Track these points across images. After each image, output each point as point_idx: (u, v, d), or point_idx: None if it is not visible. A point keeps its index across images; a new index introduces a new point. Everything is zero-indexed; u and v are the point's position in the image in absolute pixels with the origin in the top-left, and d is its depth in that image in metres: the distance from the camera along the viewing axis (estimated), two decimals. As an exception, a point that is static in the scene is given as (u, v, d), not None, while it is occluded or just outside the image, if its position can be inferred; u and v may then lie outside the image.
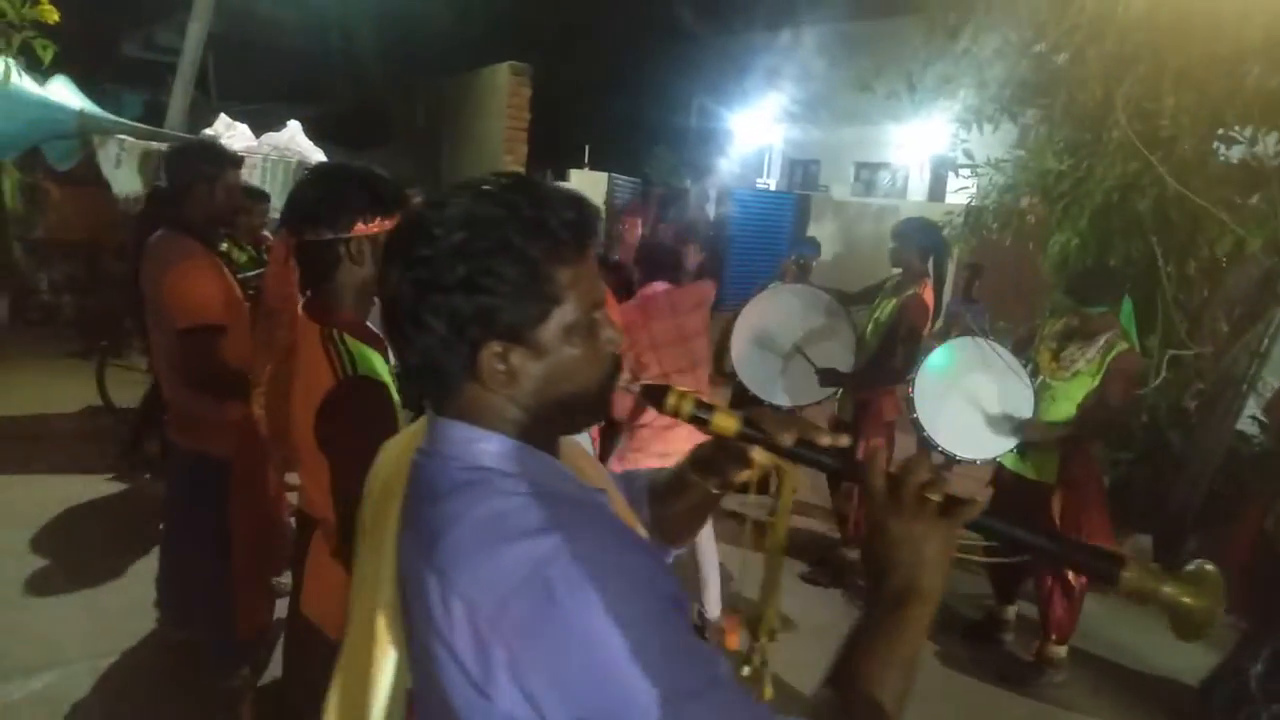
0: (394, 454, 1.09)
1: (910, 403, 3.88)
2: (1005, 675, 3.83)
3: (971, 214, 5.82)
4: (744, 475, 1.14)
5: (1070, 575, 3.72)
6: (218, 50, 10.99)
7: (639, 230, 6.64)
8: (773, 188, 18.72)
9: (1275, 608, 3.45)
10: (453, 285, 0.87)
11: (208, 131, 7.63)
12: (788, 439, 1.01)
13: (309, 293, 1.82)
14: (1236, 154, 4.86)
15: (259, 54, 12.44)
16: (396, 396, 1.79)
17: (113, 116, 7.04)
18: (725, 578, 3.82)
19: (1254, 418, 5.36)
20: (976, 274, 7.31)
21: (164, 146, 6.90)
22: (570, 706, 0.78)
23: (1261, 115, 4.43)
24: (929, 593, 0.91)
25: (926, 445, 3.79)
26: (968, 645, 4.05)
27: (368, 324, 1.83)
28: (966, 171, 5.80)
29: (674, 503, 1.20)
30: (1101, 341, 3.64)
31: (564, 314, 0.91)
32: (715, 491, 1.17)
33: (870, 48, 9.28)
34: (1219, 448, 4.92)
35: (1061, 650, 3.81)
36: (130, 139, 6.95)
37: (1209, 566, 0.92)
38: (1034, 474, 3.82)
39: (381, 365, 1.78)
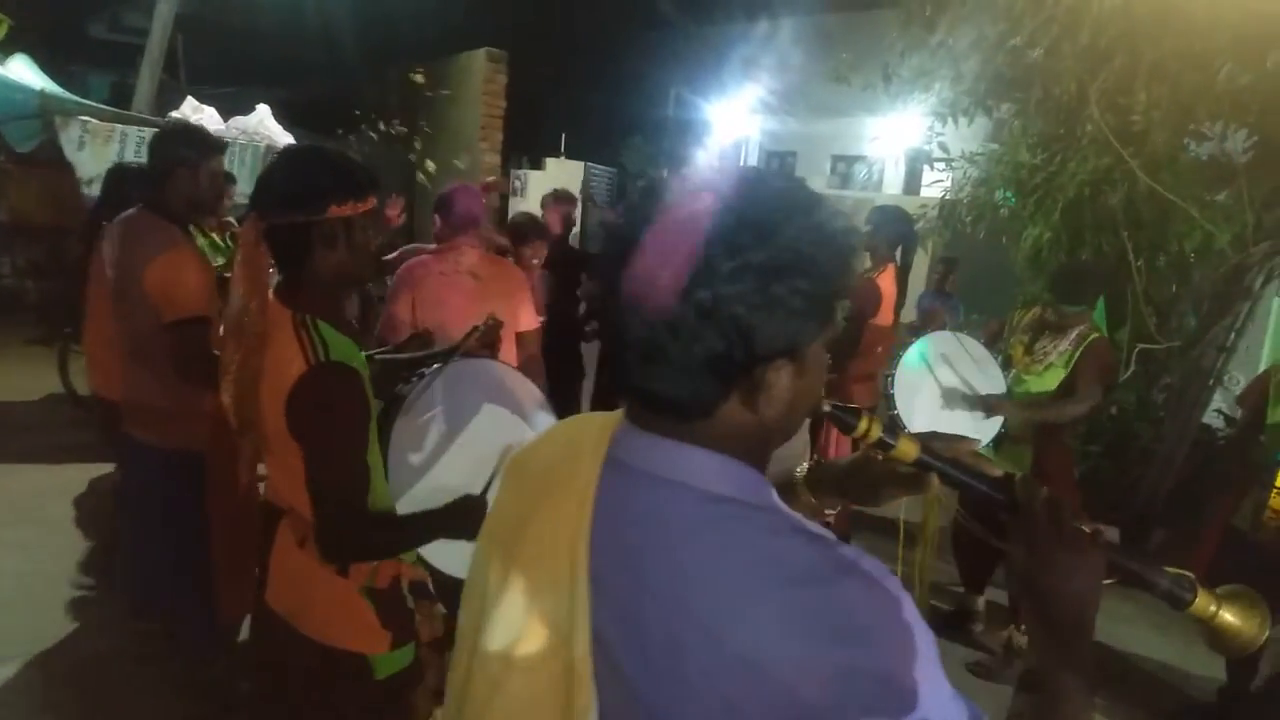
0: (548, 468, 0.95)
1: (890, 399, 3.91)
2: (975, 665, 3.86)
3: (946, 207, 5.85)
4: (895, 498, 1.09)
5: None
6: (187, 32, 10.78)
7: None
8: (749, 179, 18.65)
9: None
10: (758, 303, 0.79)
11: (174, 114, 7.50)
12: (959, 470, 0.99)
13: (280, 278, 1.77)
14: (1206, 151, 4.92)
15: (230, 37, 12.23)
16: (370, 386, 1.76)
17: (75, 97, 6.90)
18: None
19: (1220, 411, 5.45)
20: (951, 268, 7.33)
21: (140, 130, 6.79)
22: None
23: (1231, 111, 4.48)
24: (1092, 624, 0.89)
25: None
26: (937, 635, 4.07)
27: (340, 310, 1.80)
28: (941, 165, 5.83)
29: None
30: (1074, 334, 3.67)
31: (829, 331, 0.86)
32: (826, 513, 1.12)
33: (847, 40, 9.29)
34: (1186, 441, 4.99)
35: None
36: (94, 121, 6.80)
37: (1251, 592, 0.95)
38: (1007, 467, 3.84)
39: (356, 353, 1.74)
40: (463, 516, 1.83)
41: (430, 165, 8.84)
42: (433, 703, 2.40)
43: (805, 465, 1.14)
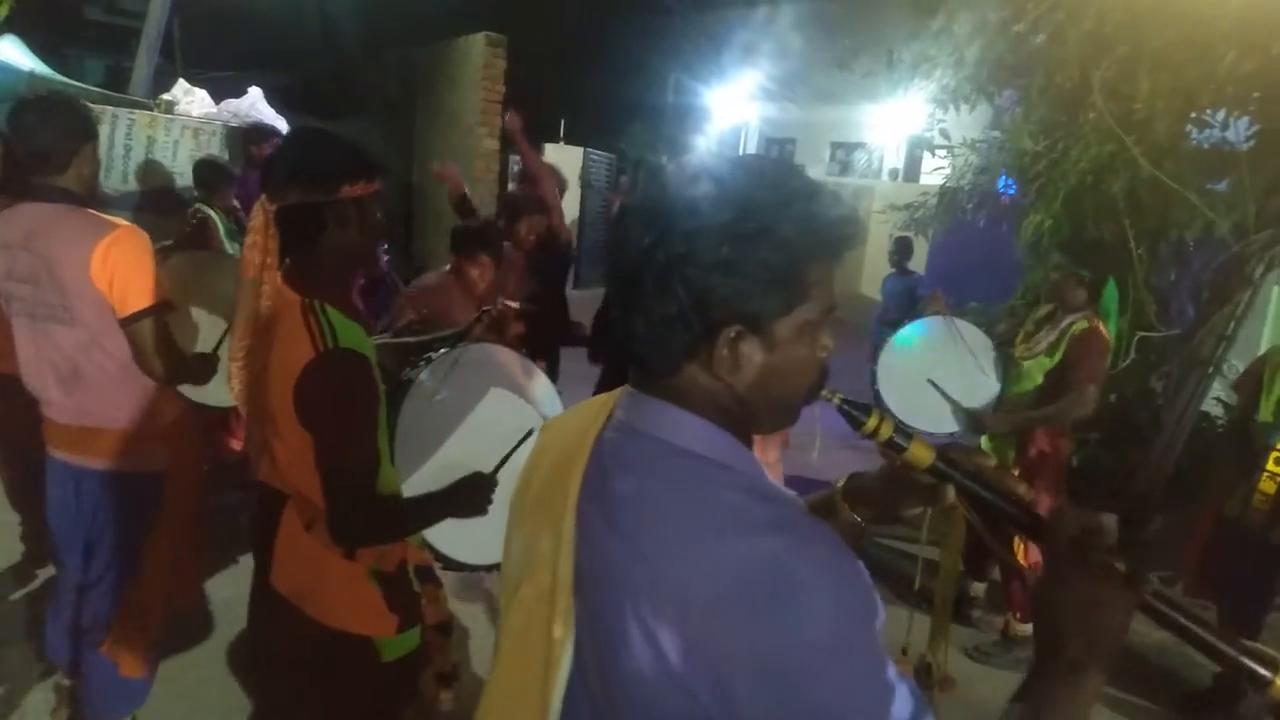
0: (568, 430, 1.02)
1: (873, 374, 3.96)
2: (973, 650, 3.88)
3: (946, 194, 5.84)
4: (918, 509, 1.08)
5: (1024, 557, 3.73)
6: (185, 16, 10.70)
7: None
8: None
9: (1234, 590, 3.53)
10: (712, 264, 0.84)
11: (165, 97, 7.45)
12: (979, 484, 0.97)
13: (288, 262, 1.76)
14: (1208, 139, 4.91)
15: (227, 21, 12.13)
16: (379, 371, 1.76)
17: (64, 78, 6.84)
18: (891, 619, 3.70)
19: (1219, 399, 5.46)
20: (905, 247, 7.30)
21: (130, 112, 6.73)
22: (776, 713, 0.76)
23: (1233, 99, 4.47)
24: (1105, 664, 0.85)
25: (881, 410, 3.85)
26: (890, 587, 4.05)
27: (349, 296, 1.80)
28: (942, 152, 5.81)
29: None
30: (1065, 322, 3.69)
31: (804, 312, 0.89)
32: (862, 524, 1.12)
33: (848, 26, 9.25)
34: (1185, 429, 5.00)
35: (1026, 627, 3.86)
36: (84, 103, 6.76)
37: None
38: (995, 453, 3.88)
39: (364, 339, 1.74)
40: (471, 494, 1.84)
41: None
42: (438, 685, 2.41)
43: (843, 478, 1.14)
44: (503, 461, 1.90)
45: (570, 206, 11.30)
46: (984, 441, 3.98)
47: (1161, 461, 5.02)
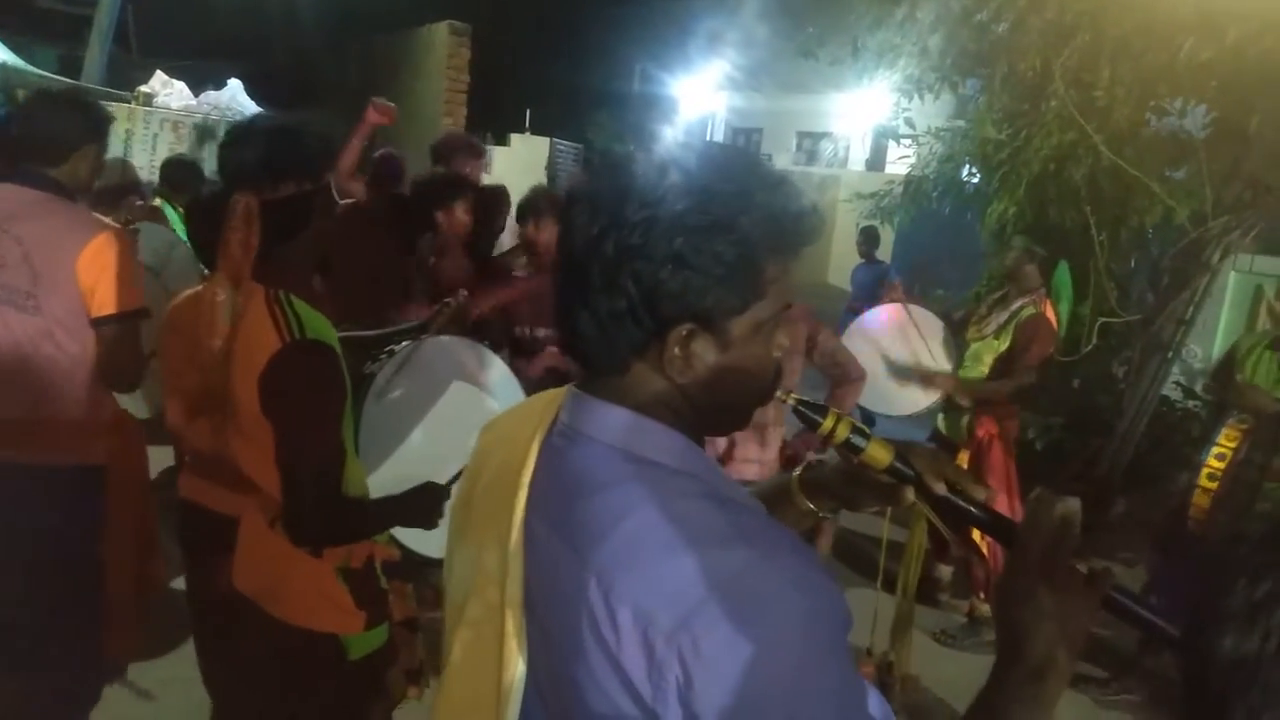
0: (510, 434, 0.96)
1: None
2: (940, 634, 3.93)
3: (911, 183, 5.89)
4: (875, 508, 1.05)
5: (982, 540, 3.76)
6: (139, 3, 10.48)
7: None
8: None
9: (1179, 579, 3.54)
10: (663, 257, 0.79)
11: (143, 89, 7.29)
12: (939, 485, 0.94)
13: (258, 255, 1.71)
14: (1167, 126, 4.99)
15: (184, 8, 11.89)
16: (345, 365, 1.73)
17: (38, 70, 6.68)
18: (856, 611, 3.63)
19: (1179, 384, 5.57)
20: (872, 237, 7.39)
21: (105, 105, 6.57)
22: None
23: (1191, 87, 4.55)
24: (1066, 667, 0.84)
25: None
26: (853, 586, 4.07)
27: (315, 287, 1.77)
28: (907, 141, 5.86)
29: None
30: (1015, 305, 3.74)
31: (761, 309, 0.85)
32: (823, 516, 1.09)
33: (813, 15, 9.24)
34: (1145, 413, 5.09)
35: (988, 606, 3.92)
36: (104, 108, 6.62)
37: None
38: (947, 431, 3.99)
39: (330, 330, 1.70)
40: (422, 505, 1.81)
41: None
42: (406, 682, 2.38)
43: (800, 467, 1.11)
44: (459, 474, 1.87)
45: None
46: (940, 422, 4.04)
47: (1123, 445, 5.11)
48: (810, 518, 1.08)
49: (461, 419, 1.99)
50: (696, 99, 18.54)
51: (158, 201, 4.70)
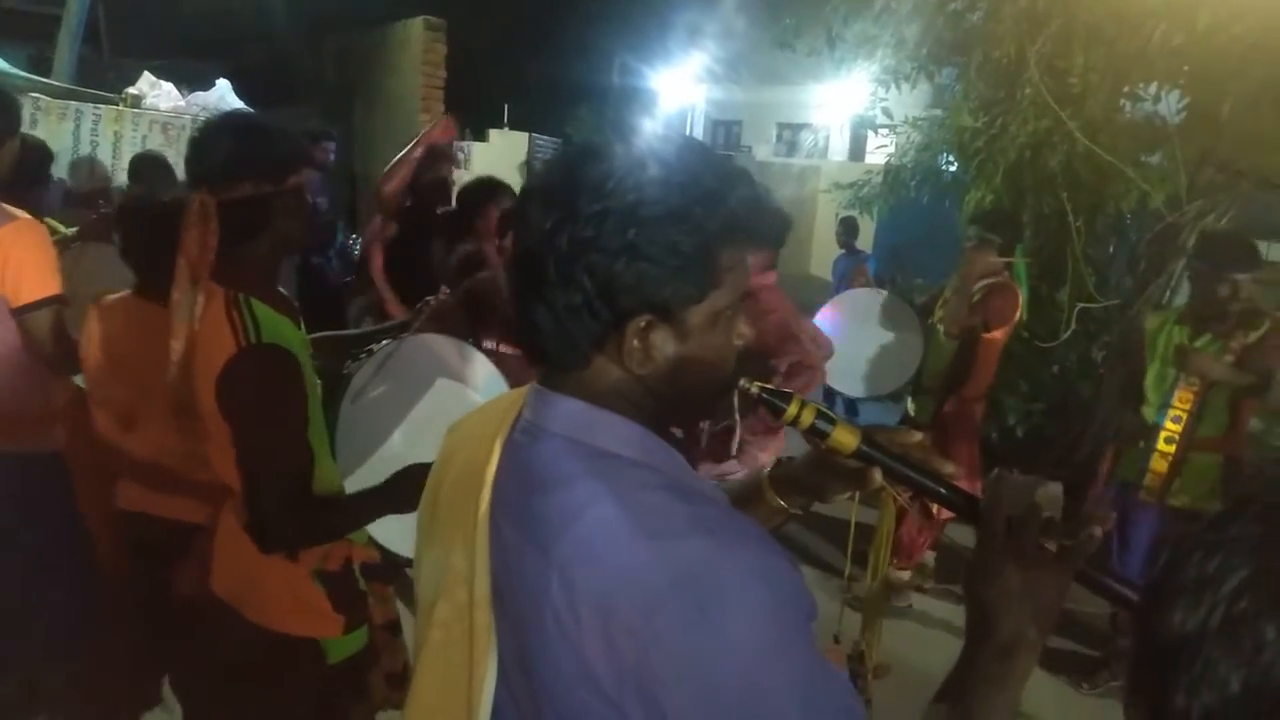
0: (474, 434, 0.96)
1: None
2: (853, 599, 3.91)
3: (890, 173, 5.90)
4: (846, 494, 1.05)
5: (934, 508, 3.75)
6: (110, 3, 10.35)
7: None
8: (696, 148, 18.62)
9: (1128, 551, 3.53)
10: (618, 249, 0.79)
11: (131, 91, 7.19)
12: (905, 465, 0.95)
13: (218, 257, 1.69)
14: (1142, 112, 5.02)
15: (156, 6, 11.74)
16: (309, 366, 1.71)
17: (25, 74, 6.58)
18: (823, 601, 3.68)
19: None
20: (851, 227, 7.45)
21: (96, 107, 6.47)
22: None
23: (1164, 73, 4.57)
24: (1037, 643, 0.85)
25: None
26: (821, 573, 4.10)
27: (279, 289, 1.74)
28: (885, 131, 5.87)
29: None
30: (976, 287, 3.75)
31: (718, 299, 0.85)
32: (794, 512, 1.09)
33: (790, 6, 9.22)
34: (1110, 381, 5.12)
35: (904, 574, 3.95)
36: (46, 98, 6.49)
37: None
38: (916, 414, 4.02)
39: (292, 332, 1.68)
40: (410, 487, 1.79)
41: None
42: (387, 685, 2.37)
43: (770, 464, 1.13)
44: None
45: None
46: (909, 405, 4.06)
47: (1104, 430, 5.14)
48: (782, 515, 1.09)
49: (445, 417, 1.97)
50: (676, 92, 18.52)
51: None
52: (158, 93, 7.24)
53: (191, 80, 8.30)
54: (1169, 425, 3.29)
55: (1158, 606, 0.59)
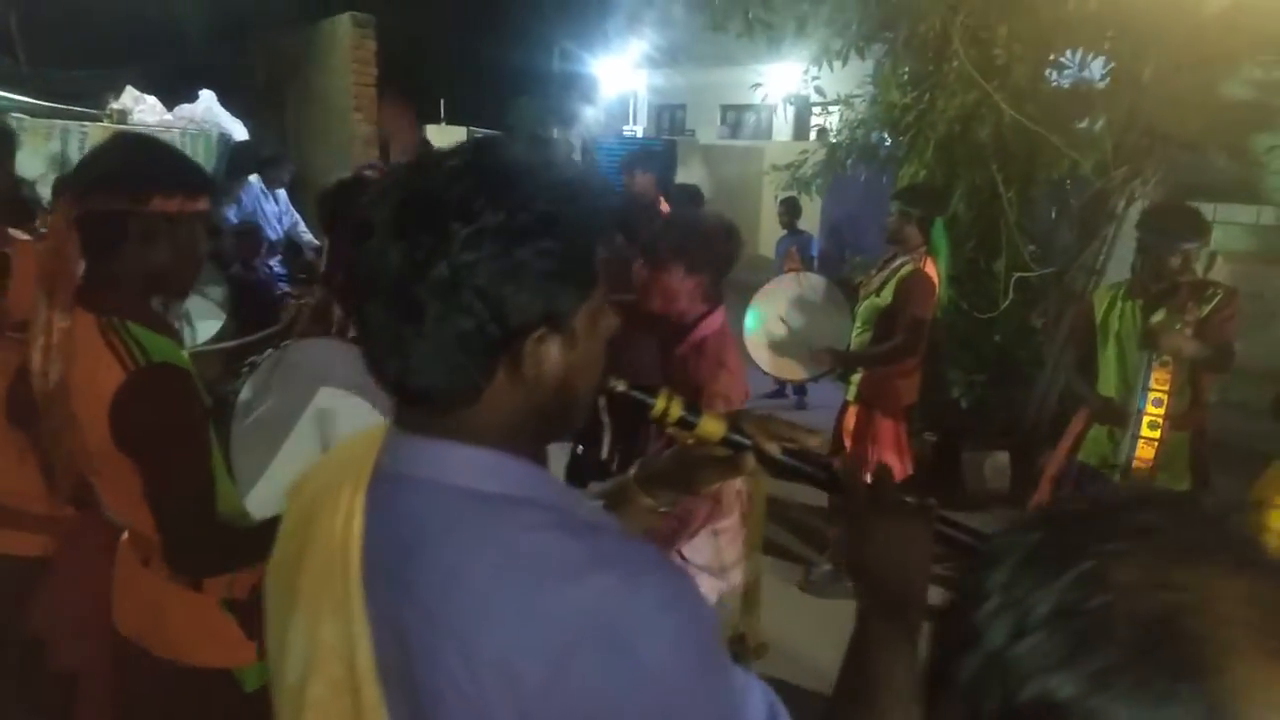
0: (325, 492, 0.86)
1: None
2: (804, 583, 3.98)
3: (829, 150, 5.90)
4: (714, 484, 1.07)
5: None
6: (23, 9, 9.97)
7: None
8: (639, 135, 18.57)
9: None
10: (505, 266, 0.74)
11: (116, 106, 6.95)
12: (773, 447, 0.96)
13: (84, 279, 1.60)
14: (1068, 79, 5.06)
15: (75, 12, 11.35)
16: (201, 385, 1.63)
17: (5, 93, 6.32)
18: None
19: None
20: (792, 208, 7.49)
21: (82, 125, 6.24)
22: None
23: (1087, 39, 4.62)
24: (921, 595, 0.88)
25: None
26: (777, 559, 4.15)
27: (154, 309, 1.65)
28: (818, 110, 5.87)
29: None
30: (896, 263, 3.77)
31: (595, 297, 0.82)
32: (663, 510, 1.08)
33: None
34: (1064, 364, 5.19)
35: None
36: (28, 118, 6.28)
37: None
38: (846, 393, 4.06)
39: (177, 351, 1.61)
40: None
41: None
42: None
43: (635, 465, 1.11)
44: None
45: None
46: (851, 389, 4.07)
47: (1046, 397, 5.21)
48: (653, 514, 1.08)
49: (341, 423, 1.90)
50: (617, 78, 18.38)
51: None
52: (143, 107, 7.04)
53: (113, 87, 8.05)
54: (1150, 409, 3.16)
55: (963, 602, 0.54)
